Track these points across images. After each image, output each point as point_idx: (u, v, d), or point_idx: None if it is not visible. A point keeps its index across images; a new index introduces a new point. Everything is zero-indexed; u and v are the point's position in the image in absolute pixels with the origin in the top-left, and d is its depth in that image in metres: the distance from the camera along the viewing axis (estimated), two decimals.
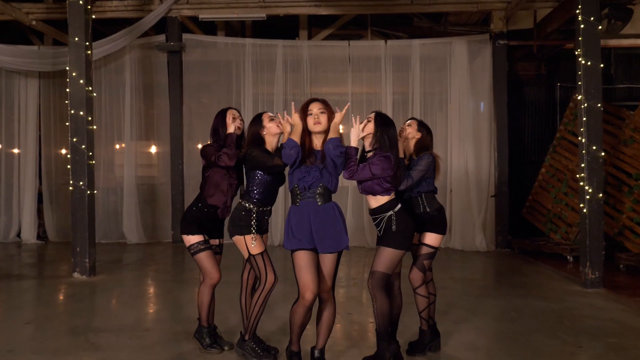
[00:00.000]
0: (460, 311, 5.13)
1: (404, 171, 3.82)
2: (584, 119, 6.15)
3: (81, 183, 6.56)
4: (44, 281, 6.71)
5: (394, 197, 3.64)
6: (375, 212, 3.65)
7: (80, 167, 6.57)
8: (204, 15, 9.62)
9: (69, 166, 6.64)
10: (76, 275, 6.62)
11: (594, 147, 6.11)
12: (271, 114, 3.80)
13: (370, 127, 3.65)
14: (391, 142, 3.62)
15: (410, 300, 4.16)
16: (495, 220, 9.45)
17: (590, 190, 6.09)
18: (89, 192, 6.60)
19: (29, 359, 3.92)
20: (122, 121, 10.13)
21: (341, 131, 3.63)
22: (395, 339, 3.71)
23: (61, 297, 5.91)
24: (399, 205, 3.62)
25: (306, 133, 3.53)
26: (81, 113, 6.56)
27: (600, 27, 6.21)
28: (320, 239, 3.44)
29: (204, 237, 3.92)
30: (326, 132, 3.52)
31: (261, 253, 3.68)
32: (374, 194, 3.61)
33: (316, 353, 3.59)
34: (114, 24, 10.27)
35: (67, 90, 6.63)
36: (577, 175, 6.48)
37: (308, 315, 3.49)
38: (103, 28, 10.17)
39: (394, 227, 3.57)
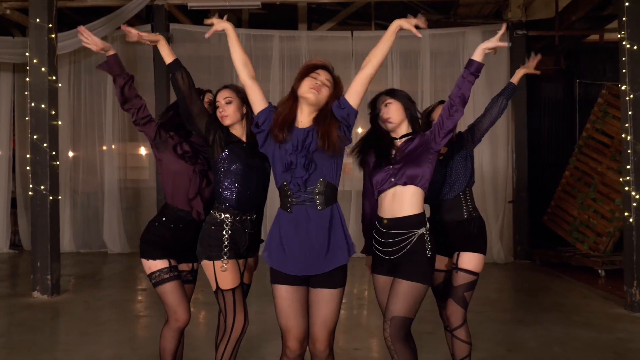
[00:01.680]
0: (491, 345, 4.19)
1: None
2: (629, 112, 5.24)
3: (42, 187, 5.64)
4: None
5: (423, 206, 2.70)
6: (401, 224, 2.62)
7: (42, 168, 5.65)
8: (193, 4, 8.73)
9: (28, 167, 5.74)
10: (36, 294, 5.69)
11: None
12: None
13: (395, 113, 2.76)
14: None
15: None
16: (513, 229, 8.56)
17: (637, 197, 5.18)
18: (51, 197, 5.68)
19: None
20: (103, 121, 9.27)
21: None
22: None
23: (8, 325, 4.96)
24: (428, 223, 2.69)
25: (291, 98, 2.54)
26: (43, 106, 5.65)
27: None
28: (317, 258, 2.43)
29: (170, 263, 2.89)
30: (318, 107, 2.52)
31: (233, 290, 2.69)
32: (419, 183, 2.63)
33: None
34: (96, 14, 9.41)
35: (27, 79, 5.75)
36: (621, 179, 5.57)
37: None
38: (84, 19, 9.31)
39: (428, 252, 2.60)
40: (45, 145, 5.64)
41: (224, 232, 2.70)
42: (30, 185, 5.70)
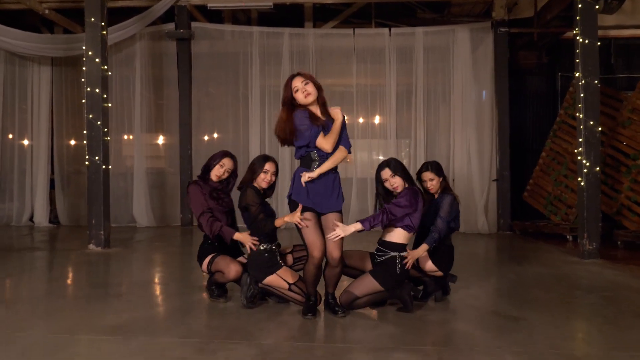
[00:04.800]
0: (464, 274, 5.31)
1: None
2: (582, 95, 6.36)
3: (97, 158, 6.80)
4: (61, 252, 6.94)
5: (408, 241, 3.86)
6: (384, 244, 3.86)
7: (96, 142, 6.82)
8: (212, 4, 9.83)
9: (85, 141, 6.89)
10: (91, 247, 6.87)
11: (592, 122, 6.32)
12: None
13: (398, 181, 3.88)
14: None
15: None
16: (497, 204, 9.65)
17: (587, 164, 6.30)
18: (104, 166, 6.84)
19: (65, 304, 4.22)
20: (132, 111, 10.28)
21: (345, 119, 3.86)
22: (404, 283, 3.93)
23: (80, 264, 6.13)
24: (407, 252, 3.87)
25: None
26: (97, 90, 6.81)
27: (597, 7, 6.43)
28: (327, 201, 3.70)
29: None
30: (317, 101, 3.76)
31: (295, 282, 3.93)
32: (394, 224, 3.80)
33: (329, 297, 3.87)
34: (124, 14, 10.50)
35: (84, 69, 6.88)
36: (575, 150, 6.69)
37: (319, 271, 3.77)
38: (115, 18, 10.40)
39: (398, 270, 3.80)
40: (99, 123, 6.80)
41: (276, 255, 3.98)
42: (87, 157, 6.86)
